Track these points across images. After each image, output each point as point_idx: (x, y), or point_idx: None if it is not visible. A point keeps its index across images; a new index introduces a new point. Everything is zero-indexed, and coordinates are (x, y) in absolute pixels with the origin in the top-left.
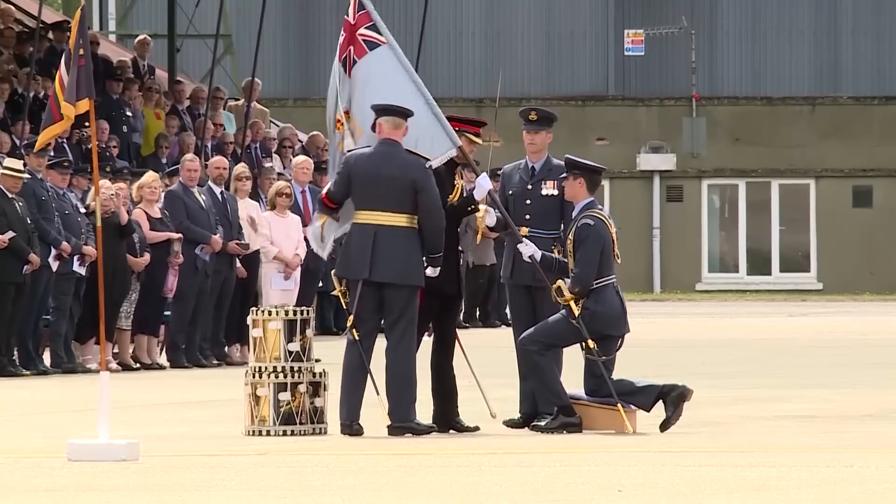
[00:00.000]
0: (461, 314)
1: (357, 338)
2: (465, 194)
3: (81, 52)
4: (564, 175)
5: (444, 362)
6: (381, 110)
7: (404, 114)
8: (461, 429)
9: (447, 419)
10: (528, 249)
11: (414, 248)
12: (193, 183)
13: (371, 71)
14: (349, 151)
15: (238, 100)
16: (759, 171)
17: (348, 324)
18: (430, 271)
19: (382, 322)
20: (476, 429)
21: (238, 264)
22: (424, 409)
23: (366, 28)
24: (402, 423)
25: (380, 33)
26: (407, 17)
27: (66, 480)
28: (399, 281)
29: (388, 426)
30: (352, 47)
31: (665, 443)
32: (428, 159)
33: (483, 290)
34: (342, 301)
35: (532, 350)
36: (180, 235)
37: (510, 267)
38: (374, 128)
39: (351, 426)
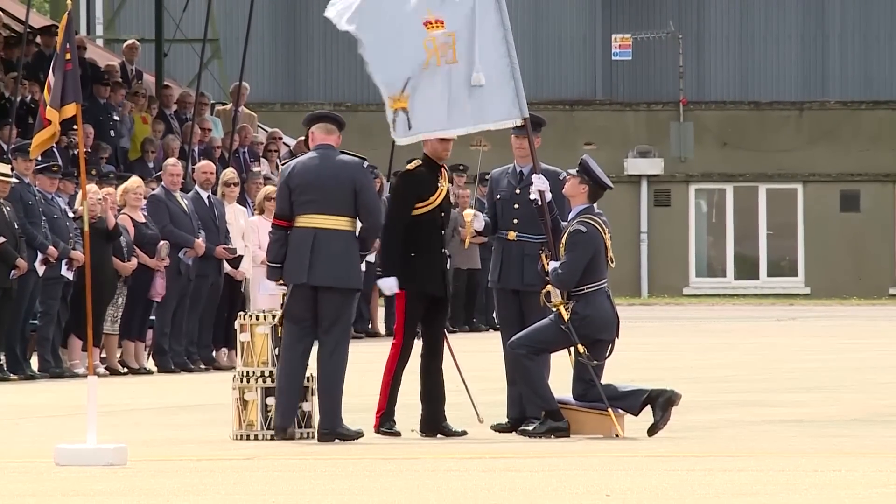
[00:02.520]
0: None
1: (286, 335)
2: (449, 197)
3: (68, 56)
4: (573, 172)
5: (432, 366)
6: (313, 118)
7: (336, 120)
8: (449, 433)
9: (435, 424)
10: (541, 184)
11: (352, 251)
12: (176, 187)
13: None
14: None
15: (226, 104)
16: (747, 175)
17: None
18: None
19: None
20: (464, 433)
21: (228, 268)
22: (412, 414)
23: None
24: (331, 430)
25: None
26: None
27: (54, 485)
28: (336, 284)
29: (318, 433)
30: None
31: (653, 447)
32: (365, 159)
33: (464, 294)
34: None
35: (521, 354)
36: (166, 246)
37: (497, 271)
38: (307, 137)
39: (285, 431)
